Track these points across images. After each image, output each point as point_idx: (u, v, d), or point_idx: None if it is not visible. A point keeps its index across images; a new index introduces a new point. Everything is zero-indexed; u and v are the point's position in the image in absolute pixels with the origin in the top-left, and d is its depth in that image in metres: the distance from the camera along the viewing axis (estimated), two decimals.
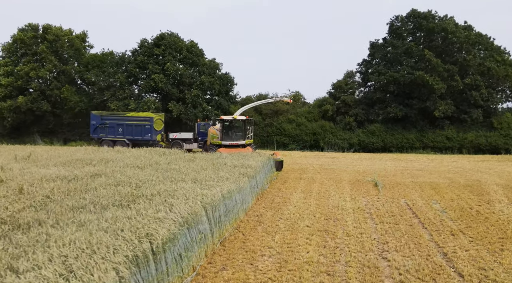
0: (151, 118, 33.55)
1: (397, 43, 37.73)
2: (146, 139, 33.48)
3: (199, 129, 32.26)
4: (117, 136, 33.78)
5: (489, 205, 14.04)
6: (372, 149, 35.13)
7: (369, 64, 39.33)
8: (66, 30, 46.46)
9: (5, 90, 41.91)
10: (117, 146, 31.38)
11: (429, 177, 20.56)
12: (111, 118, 34.12)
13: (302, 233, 10.49)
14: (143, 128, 33.42)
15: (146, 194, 9.99)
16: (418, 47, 37.09)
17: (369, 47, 39.58)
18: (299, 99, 42.65)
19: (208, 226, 9.04)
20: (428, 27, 37.33)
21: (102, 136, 34.28)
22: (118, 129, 33.86)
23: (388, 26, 39.67)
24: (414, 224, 11.50)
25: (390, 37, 39.62)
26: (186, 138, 32.92)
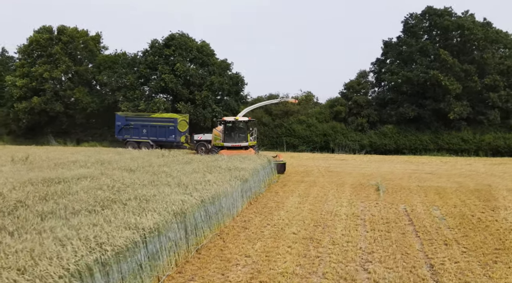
0: (175, 119, 33.11)
1: (411, 42, 36.69)
2: (170, 141, 33.11)
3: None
4: (142, 138, 33.41)
5: (494, 212, 13.30)
6: (384, 151, 34.22)
7: (383, 63, 38.39)
8: (81, 31, 46.97)
9: (20, 92, 42.55)
10: (141, 147, 31.41)
11: (437, 181, 19.80)
12: (136, 119, 33.79)
13: (286, 241, 10.05)
14: (167, 130, 32.94)
15: (123, 199, 9.73)
16: (433, 46, 35.99)
17: (383, 46, 38.64)
18: (311, 99, 42.02)
19: (181, 233, 8.68)
20: (443, 25, 36.16)
21: (126, 138, 34.00)
22: (142, 130, 33.46)
23: (403, 24, 38.66)
24: (407, 232, 10.92)
25: (405, 35, 38.59)
26: (211, 140, 32.24)
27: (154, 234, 7.62)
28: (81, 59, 45.25)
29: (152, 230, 7.56)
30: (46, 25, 46.13)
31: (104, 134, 42.04)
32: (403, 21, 38.81)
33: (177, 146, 33.60)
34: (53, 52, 42.88)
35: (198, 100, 36.91)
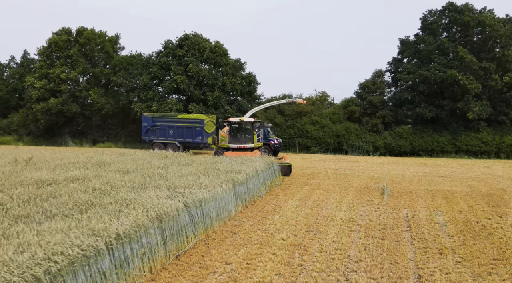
0: (202, 120, 32.53)
1: (428, 40, 35.58)
2: (197, 142, 32.64)
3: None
4: (168, 139, 32.87)
5: (501, 218, 12.62)
6: (399, 153, 33.25)
7: (399, 62, 37.36)
8: (99, 33, 47.51)
9: (38, 93, 43.29)
10: (168, 148, 30.95)
11: (449, 185, 19.03)
12: (162, 120, 33.19)
13: (272, 247, 9.69)
14: (194, 131, 32.31)
15: (104, 202, 9.55)
16: (451, 44, 34.79)
17: (399, 45, 37.59)
18: (326, 100, 41.34)
19: (157, 238, 8.41)
20: (463, 21, 34.95)
21: (153, 139, 33.50)
22: (169, 131, 32.86)
23: (421, 22, 37.57)
24: (402, 240, 10.40)
25: (423, 33, 37.49)
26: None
27: (124, 240, 7.38)
28: (97, 60, 45.73)
29: (121, 236, 7.32)
30: (65, 27, 46.89)
31: (119, 135, 42.38)
32: (421, 18, 37.76)
33: (204, 147, 33.30)
34: (70, 53, 43.48)
35: (210, 101, 36.75)
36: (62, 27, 46.91)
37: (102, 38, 45.72)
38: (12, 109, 50.70)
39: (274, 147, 30.22)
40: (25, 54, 54.32)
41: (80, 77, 46.77)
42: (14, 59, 54.95)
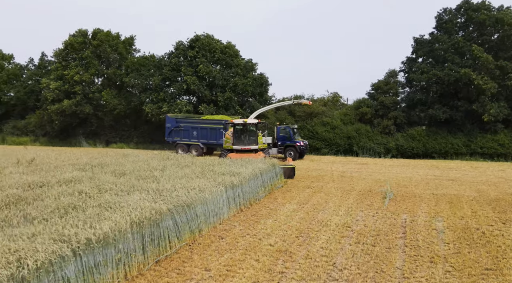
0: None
1: (443, 38, 34.68)
2: (220, 144, 31.23)
3: (279, 134, 30.53)
4: (192, 140, 32.33)
5: (504, 225, 12.09)
6: (411, 155, 32.46)
7: (413, 62, 36.51)
8: (114, 35, 48.00)
9: (53, 94, 43.95)
10: (191, 150, 30.86)
11: (456, 189, 18.43)
12: (186, 121, 32.84)
13: (257, 253, 9.44)
14: (218, 132, 31.38)
15: (87, 206, 9.48)
16: (466, 43, 33.80)
17: (413, 44, 36.73)
18: (338, 100, 40.78)
19: (135, 243, 8.25)
20: (479, 20, 33.96)
21: (176, 140, 33.10)
22: (192, 132, 32.30)
23: (436, 20, 36.65)
24: (394, 247, 10.02)
25: (438, 32, 36.57)
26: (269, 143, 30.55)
27: (95, 245, 7.23)
28: (110, 62, 46.16)
29: (92, 241, 7.17)
30: (82, 28, 47.50)
31: (131, 136, 42.68)
32: (436, 17, 36.87)
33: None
34: (84, 55, 44.01)
35: (221, 102, 36.65)
36: (78, 29, 47.60)
37: (116, 40, 46.12)
38: (30, 110, 51.67)
39: (300, 149, 29.65)
40: (42, 56, 55.28)
41: (95, 78, 47.36)
42: (33, 61, 56.02)
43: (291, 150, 29.52)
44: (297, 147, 29.68)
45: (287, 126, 30.87)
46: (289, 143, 29.72)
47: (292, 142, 29.66)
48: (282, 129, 30.46)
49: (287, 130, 30.09)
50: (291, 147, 29.50)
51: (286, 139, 30.03)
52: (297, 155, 29.55)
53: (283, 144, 30.06)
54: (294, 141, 29.81)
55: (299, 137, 31.70)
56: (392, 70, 37.50)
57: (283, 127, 30.73)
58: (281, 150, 30.09)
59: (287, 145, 29.83)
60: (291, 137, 29.81)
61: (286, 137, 30.04)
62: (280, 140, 30.31)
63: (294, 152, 29.45)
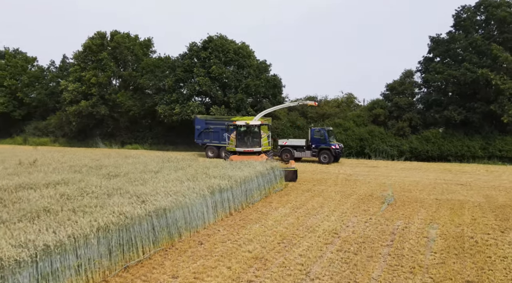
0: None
1: (460, 37, 33.54)
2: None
3: (313, 136, 29.40)
4: (222, 142, 31.40)
5: (502, 234, 11.49)
6: (426, 158, 31.48)
7: (430, 62, 35.43)
8: (134, 36, 48.58)
9: (71, 96, 44.76)
10: (221, 152, 29.87)
11: (463, 194, 17.71)
12: (216, 123, 32.03)
13: (231, 260, 9.21)
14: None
15: (61, 209, 9.43)
16: (485, 41, 32.59)
17: (430, 43, 35.65)
18: (352, 101, 40.04)
19: (100, 249, 8.11)
20: (500, 17, 32.68)
21: (206, 142, 32.45)
22: (222, 134, 31.34)
23: (454, 18, 35.50)
24: (377, 255, 9.62)
25: (456, 30, 35.42)
26: (298, 146, 29.89)
27: (52, 251, 7.13)
28: (126, 63, 46.68)
29: (49, 247, 7.07)
30: (100, 30, 48.22)
31: (146, 137, 43.04)
32: (454, 15, 35.73)
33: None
34: (100, 57, 44.65)
35: (233, 104, 36.50)
36: (97, 31, 48.32)
37: (132, 42, 46.63)
38: (51, 111, 52.81)
39: (335, 152, 28.61)
40: (64, 58, 56.37)
41: (114, 79, 48.03)
42: (54, 63, 57.22)
43: (325, 153, 28.49)
44: (332, 149, 28.58)
45: (322, 128, 29.62)
46: (324, 145, 28.56)
47: (327, 144, 28.56)
48: (316, 132, 29.28)
49: (321, 133, 28.91)
50: (326, 150, 28.43)
51: (321, 142, 28.92)
52: (332, 158, 28.49)
53: (317, 146, 28.97)
54: (329, 144, 28.70)
55: (334, 139, 30.49)
56: (408, 70, 36.56)
57: (317, 129, 29.53)
58: (315, 153, 29.06)
59: (321, 148, 28.77)
60: (325, 140, 28.69)
61: (321, 140, 28.94)
62: (314, 143, 29.19)
63: (329, 155, 28.44)
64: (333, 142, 29.41)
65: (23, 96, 53.50)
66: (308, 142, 29.59)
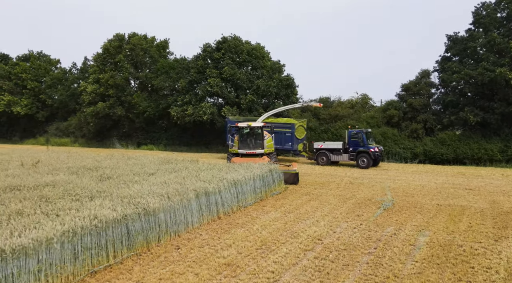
0: (292, 125, 30.20)
1: (477, 35, 32.37)
2: (286, 149, 30.55)
3: (350, 138, 28.07)
4: None
5: (495, 243, 10.95)
6: (441, 161, 30.50)
7: (447, 61, 34.31)
8: (150, 38, 49.13)
9: (90, 97, 45.60)
10: None
11: (469, 199, 17.03)
12: None
13: (202, 266, 9.08)
14: (283, 136, 29.96)
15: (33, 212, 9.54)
16: (504, 39, 31.32)
17: (446, 42, 34.52)
18: (367, 102, 39.26)
19: (65, 253, 8.08)
20: None
21: None
22: None
23: (472, 16, 34.28)
24: (354, 263, 9.31)
25: (475, 28, 34.18)
26: (334, 149, 28.61)
27: (8, 256, 7.14)
28: (141, 65, 47.20)
29: (4, 252, 7.09)
30: (119, 32, 48.95)
31: (161, 138, 43.41)
32: (473, 12, 34.50)
33: (294, 154, 31.33)
34: (117, 60, 45.30)
35: (244, 104, 36.38)
36: (116, 33, 49.06)
37: (148, 44, 47.13)
38: (71, 112, 53.95)
39: (374, 155, 27.21)
40: (85, 60, 57.48)
41: (132, 80, 48.67)
42: (76, 65, 58.43)
43: (364, 157, 27.11)
44: (371, 153, 27.11)
45: (360, 130, 28.14)
46: (362, 148, 27.19)
47: (365, 147, 27.16)
48: (353, 134, 27.92)
49: (359, 135, 27.51)
50: (364, 153, 27.06)
51: (359, 144, 27.54)
52: (371, 162, 27.11)
53: (355, 149, 27.59)
54: (368, 147, 27.24)
55: (373, 142, 29.00)
56: (424, 70, 35.57)
57: (355, 131, 28.11)
58: (353, 157, 27.69)
59: (359, 151, 27.39)
60: (364, 143, 27.27)
61: (359, 143, 27.54)
62: (351, 146, 27.86)
63: (368, 159, 27.04)
64: (372, 144, 27.98)
65: (46, 98, 54.83)
66: (345, 145, 28.38)
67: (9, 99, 55.48)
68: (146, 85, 45.43)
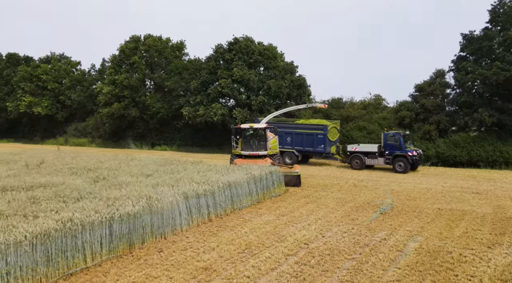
0: (325, 127, 28.92)
1: (493, 34, 31.38)
2: (318, 151, 29.30)
3: (386, 141, 26.51)
4: (285, 147, 29.41)
5: (488, 249, 10.60)
6: (454, 163, 29.67)
7: (462, 61, 33.37)
8: (165, 39, 49.57)
9: (105, 98, 46.31)
10: (284, 157, 28.72)
11: (474, 204, 16.52)
12: (278, 126, 28.88)
13: (178, 270, 9.08)
14: (315, 138, 28.83)
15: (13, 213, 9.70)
16: None
17: (462, 41, 33.53)
18: (380, 103, 38.59)
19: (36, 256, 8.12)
20: None
21: None
22: (286, 138, 29.56)
23: (489, 14, 33.25)
24: (334, 270, 9.14)
25: (492, 26, 33.15)
26: (369, 152, 27.28)
27: None
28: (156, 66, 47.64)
29: None
30: (135, 34, 49.56)
31: (174, 138, 43.74)
32: (490, 10, 33.48)
33: (326, 157, 30.39)
34: (131, 61, 45.86)
35: (254, 106, 36.28)
36: (132, 35, 49.66)
37: (163, 45, 47.52)
38: (89, 113, 54.89)
39: (412, 159, 25.69)
40: (103, 62, 58.36)
41: (147, 82, 49.19)
42: (94, 67, 59.45)
43: (401, 161, 25.65)
44: (409, 157, 25.57)
45: (397, 132, 26.62)
46: (399, 152, 25.73)
47: (402, 151, 25.67)
48: (390, 137, 26.38)
49: (396, 138, 26.01)
50: (401, 157, 25.64)
51: (396, 148, 26.01)
52: (409, 166, 25.58)
53: (391, 153, 26.08)
54: (405, 150, 25.73)
55: (412, 145, 27.43)
56: (439, 70, 34.70)
57: (392, 134, 26.56)
58: (389, 160, 26.16)
59: (396, 155, 25.92)
60: (401, 146, 25.78)
61: (396, 146, 26.00)
62: (388, 149, 26.32)
63: (405, 163, 25.54)
64: (410, 147, 26.45)
65: (65, 99, 55.94)
66: (381, 148, 26.92)
67: (30, 100, 56.82)
68: (160, 86, 45.82)
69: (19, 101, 57.53)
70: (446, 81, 34.36)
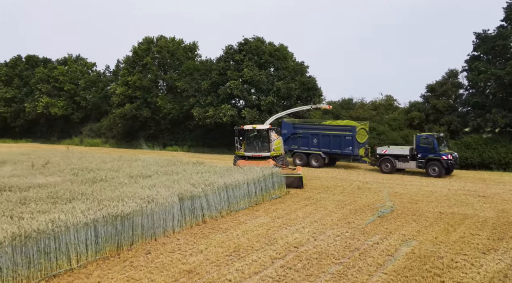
0: (353, 128, 27.98)
1: (507, 33, 30.59)
2: (346, 153, 28.44)
3: (419, 143, 25.26)
4: (311, 149, 28.69)
5: (482, 255, 10.35)
6: (465, 165, 29.01)
7: (475, 60, 32.62)
8: (177, 41, 49.89)
9: (118, 99, 46.86)
10: (311, 159, 28.47)
11: (477, 207, 16.14)
12: (305, 127, 29.29)
13: (162, 273, 9.10)
14: (342, 140, 27.94)
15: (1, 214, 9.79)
16: None
17: (475, 40, 32.78)
18: (391, 104, 38.06)
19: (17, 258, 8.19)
20: None
21: (294, 148, 29.44)
22: (312, 140, 28.67)
23: (504, 12, 32.43)
24: (318, 274, 9.04)
25: (508, 25, 32.33)
26: (400, 155, 25.90)
27: None
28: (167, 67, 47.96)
29: None
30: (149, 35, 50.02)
31: (186, 139, 43.97)
32: (505, 8, 32.65)
33: (354, 160, 29.88)
34: (144, 62, 46.27)
35: (263, 106, 36.18)
36: (145, 36, 50.13)
37: (175, 46, 47.82)
38: (104, 114, 55.61)
39: (447, 163, 24.43)
40: (118, 63, 59.02)
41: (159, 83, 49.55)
42: (109, 68, 60.23)
43: (434, 165, 24.47)
44: (443, 160, 24.36)
45: (430, 135, 25.43)
46: (433, 155, 24.59)
47: (436, 154, 24.51)
48: (423, 139, 25.20)
49: (429, 140, 24.83)
50: (435, 161, 24.49)
51: (429, 151, 24.81)
52: (443, 170, 24.37)
53: (424, 156, 24.87)
54: (439, 154, 24.55)
55: (446, 148, 26.14)
56: (451, 70, 34.05)
57: (424, 136, 25.39)
58: (422, 164, 24.89)
59: (429, 158, 24.75)
60: (435, 149, 24.60)
61: (429, 149, 24.80)
62: (421, 153, 25.09)
63: (439, 167, 24.34)
64: (444, 151, 25.26)
65: (80, 100, 56.80)
66: (414, 151, 25.64)
67: (47, 101, 57.86)
68: (172, 87, 46.11)
69: (36, 102, 58.65)
70: (459, 82, 33.72)
